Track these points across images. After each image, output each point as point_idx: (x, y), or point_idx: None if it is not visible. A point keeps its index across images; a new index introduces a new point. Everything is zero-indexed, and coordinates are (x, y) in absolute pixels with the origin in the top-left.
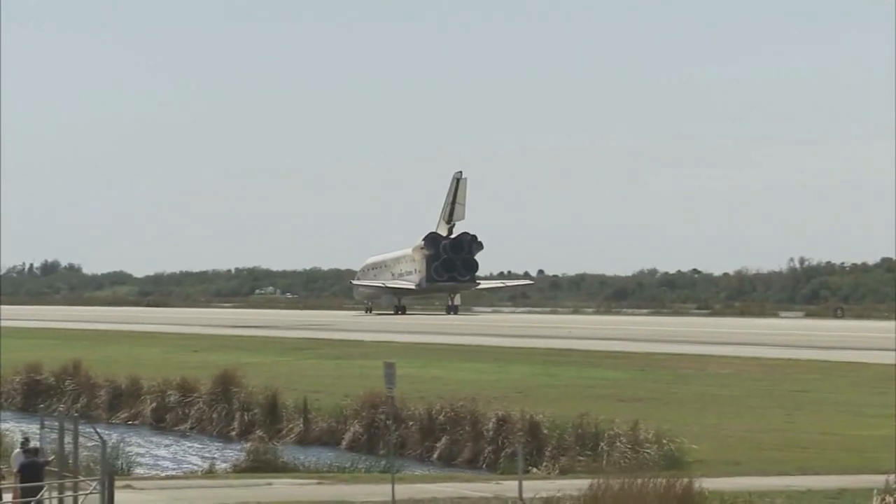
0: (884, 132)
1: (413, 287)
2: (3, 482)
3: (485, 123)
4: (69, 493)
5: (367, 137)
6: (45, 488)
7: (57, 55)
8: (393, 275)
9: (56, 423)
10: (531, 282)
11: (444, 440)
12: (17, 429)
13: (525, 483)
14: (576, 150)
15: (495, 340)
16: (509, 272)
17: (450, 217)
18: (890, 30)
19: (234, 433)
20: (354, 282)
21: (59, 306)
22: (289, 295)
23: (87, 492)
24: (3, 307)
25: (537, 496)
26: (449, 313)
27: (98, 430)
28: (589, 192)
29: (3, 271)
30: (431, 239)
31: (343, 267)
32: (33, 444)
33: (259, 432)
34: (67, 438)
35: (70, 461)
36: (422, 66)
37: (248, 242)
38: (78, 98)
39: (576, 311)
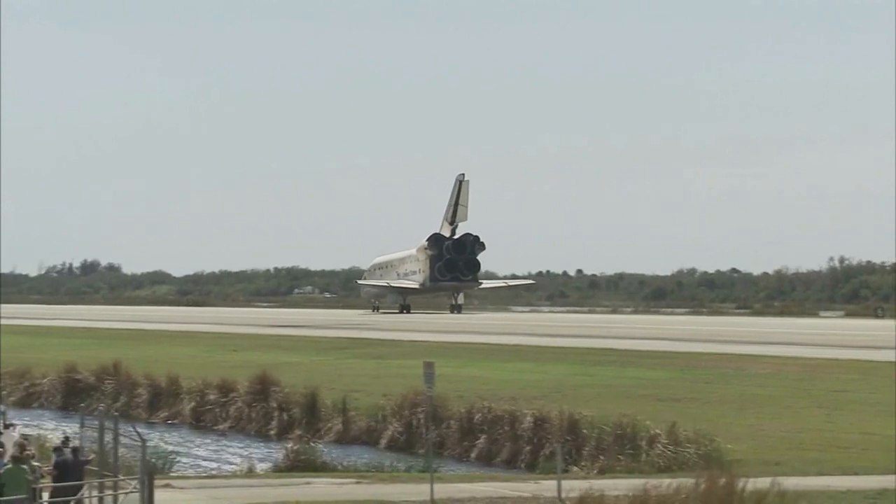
0: None
1: (417, 286)
2: (42, 481)
3: (516, 122)
4: (109, 492)
5: (389, 137)
6: (84, 487)
7: (81, 52)
8: (398, 274)
9: (96, 423)
10: (532, 282)
11: (482, 440)
12: (58, 428)
13: (564, 483)
14: (612, 149)
15: (534, 340)
16: (547, 272)
17: (452, 218)
18: None
19: (272, 432)
20: (360, 281)
21: (98, 306)
22: (327, 294)
23: (127, 491)
24: (43, 307)
25: (576, 496)
26: (452, 312)
27: (137, 429)
28: (626, 191)
29: (44, 271)
30: (435, 239)
31: None
32: (74, 443)
33: (298, 432)
34: (107, 437)
35: (110, 460)
36: (439, 67)
37: (287, 242)
38: (105, 96)
39: (614, 311)
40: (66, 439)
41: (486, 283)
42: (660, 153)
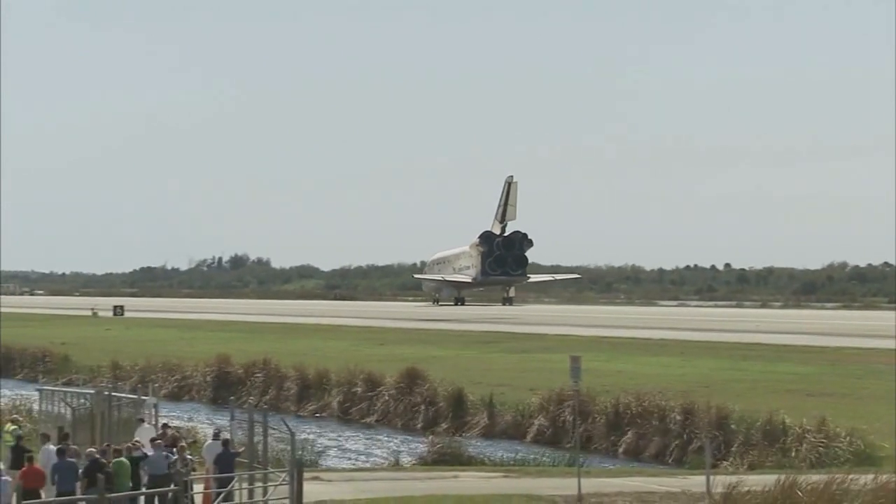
0: None
1: (469, 280)
2: (194, 473)
3: (584, 119)
4: (259, 484)
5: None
6: (235, 479)
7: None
8: (454, 269)
9: (246, 416)
10: (578, 276)
11: (630, 434)
12: (209, 421)
13: (712, 478)
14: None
15: (680, 334)
16: (695, 265)
17: (503, 217)
18: None
19: (419, 426)
20: (417, 276)
21: (247, 300)
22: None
23: (277, 483)
24: (193, 301)
25: (724, 491)
26: (504, 304)
27: (287, 422)
28: (764, 186)
29: (194, 265)
30: (486, 237)
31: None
32: (224, 435)
33: (444, 425)
34: (257, 430)
35: (259, 453)
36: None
37: (434, 236)
38: (233, 92)
39: (763, 305)
40: (218, 432)
41: (533, 278)
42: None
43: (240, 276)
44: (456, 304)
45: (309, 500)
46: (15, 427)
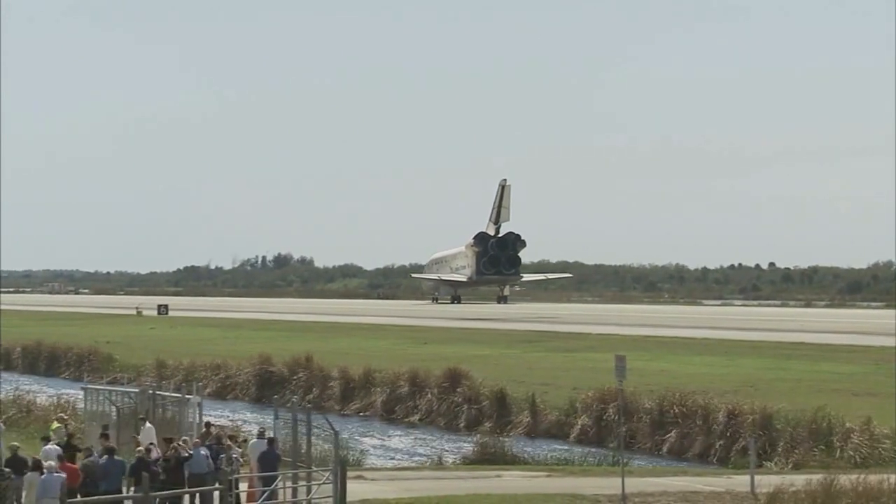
0: None
1: (465, 280)
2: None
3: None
4: (303, 483)
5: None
6: (279, 478)
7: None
8: (451, 269)
9: (290, 414)
10: (570, 275)
11: (673, 434)
12: (254, 420)
13: (757, 477)
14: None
15: (724, 333)
16: (740, 265)
17: (497, 219)
18: None
19: (462, 425)
20: (414, 275)
21: (291, 298)
22: (517, 287)
23: (321, 482)
24: (237, 300)
25: (769, 491)
26: (499, 303)
27: (330, 420)
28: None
29: (238, 264)
30: (481, 237)
31: (571, 260)
32: (269, 434)
33: (487, 424)
34: (300, 429)
35: (303, 452)
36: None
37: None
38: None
39: (808, 304)
40: (262, 431)
41: (526, 277)
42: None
43: (283, 276)
44: (452, 302)
45: (352, 498)
46: (60, 426)
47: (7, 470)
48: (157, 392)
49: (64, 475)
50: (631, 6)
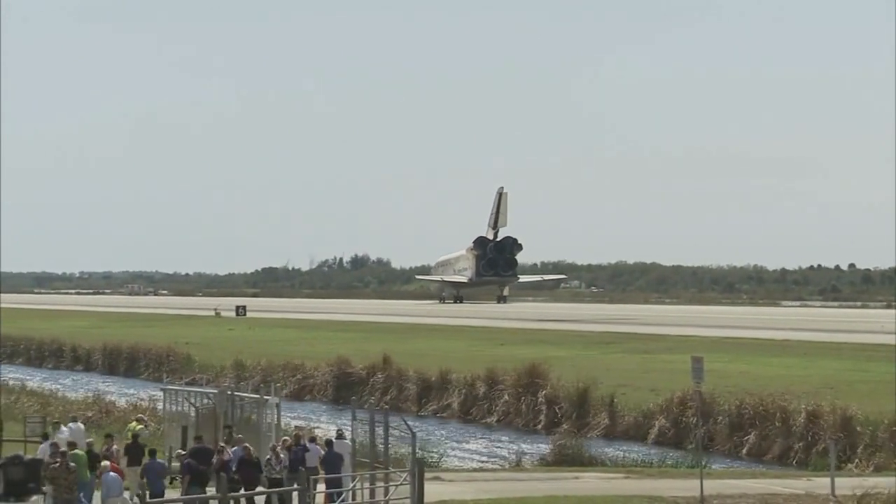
0: None
1: (466, 281)
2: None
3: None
4: (380, 484)
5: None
6: (356, 480)
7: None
8: (455, 271)
9: (367, 416)
10: (564, 276)
11: (752, 435)
12: (331, 421)
13: (837, 480)
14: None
15: (803, 335)
16: (818, 265)
17: (495, 224)
18: None
19: (540, 426)
20: (419, 277)
21: (367, 300)
22: (594, 289)
23: (398, 483)
24: (314, 301)
25: (849, 493)
26: (499, 302)
27: (407, 422)
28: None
29: (316, 265)
30: (480, 241)
31: (648, 260)
32: (347, 436)
33: (565, 426)
34: (378, 430)
35: (380, 453)
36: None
37: (554, 236)
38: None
39: (888, 306)
40: (340, 432)
41: (523, 278)
42: None
43: (360, 277)
44: (455, 302)
45: (430, 499)
46: (141, 427)
47: (73, 465)
48: (236, 393)
49: (116, 475)
50: (631, 6)
